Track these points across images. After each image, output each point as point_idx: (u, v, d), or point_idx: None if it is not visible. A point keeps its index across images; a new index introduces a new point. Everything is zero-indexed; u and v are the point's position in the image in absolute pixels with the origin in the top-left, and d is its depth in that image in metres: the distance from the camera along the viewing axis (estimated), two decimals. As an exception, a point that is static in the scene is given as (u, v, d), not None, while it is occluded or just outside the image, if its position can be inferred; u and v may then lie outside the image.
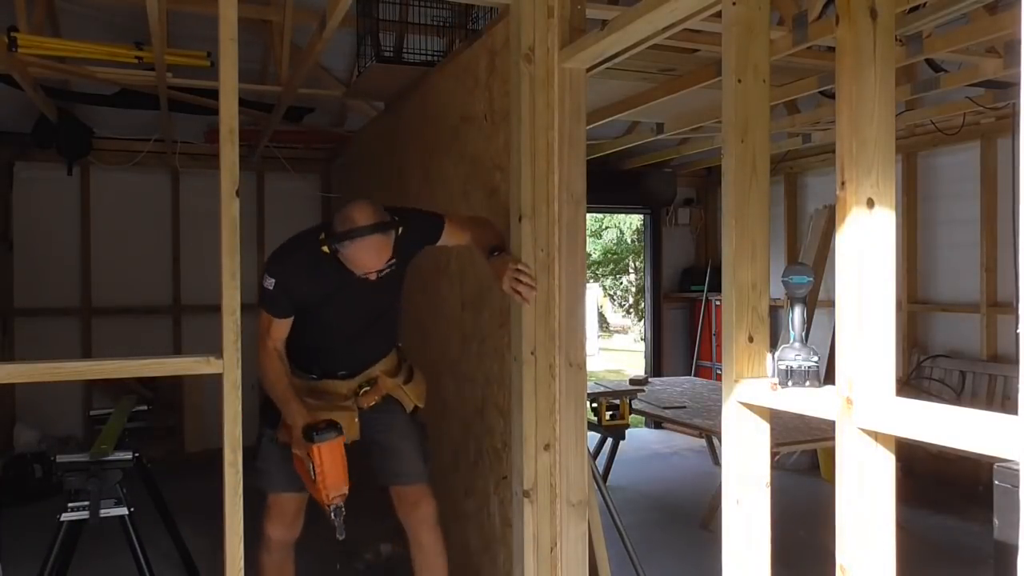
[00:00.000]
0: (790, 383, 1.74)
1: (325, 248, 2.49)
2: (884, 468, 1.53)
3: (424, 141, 3.92)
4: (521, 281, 2.54)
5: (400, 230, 2.51)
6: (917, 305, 5.88)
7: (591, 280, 17.44)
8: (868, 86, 1.53)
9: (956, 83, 4.10)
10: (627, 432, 5.47)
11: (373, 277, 2.53)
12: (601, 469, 5.16)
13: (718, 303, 4.73)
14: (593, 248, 17.65)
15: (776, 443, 2.87)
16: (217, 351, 1.99)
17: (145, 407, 3.75)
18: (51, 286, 6.10)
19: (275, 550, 2.77)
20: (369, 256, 2.47)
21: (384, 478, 2.83)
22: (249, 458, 2.60)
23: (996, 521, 1.61)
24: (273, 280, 2.57)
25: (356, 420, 2.75)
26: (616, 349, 16.43)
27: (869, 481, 1.53)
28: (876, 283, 1.53)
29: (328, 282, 2.60)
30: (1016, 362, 4.99)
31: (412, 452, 2.83)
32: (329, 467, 2.51)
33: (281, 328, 2.64)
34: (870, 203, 1.52)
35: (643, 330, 9.89)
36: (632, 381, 6.00)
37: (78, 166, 6.01)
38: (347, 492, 2.56)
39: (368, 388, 2.81)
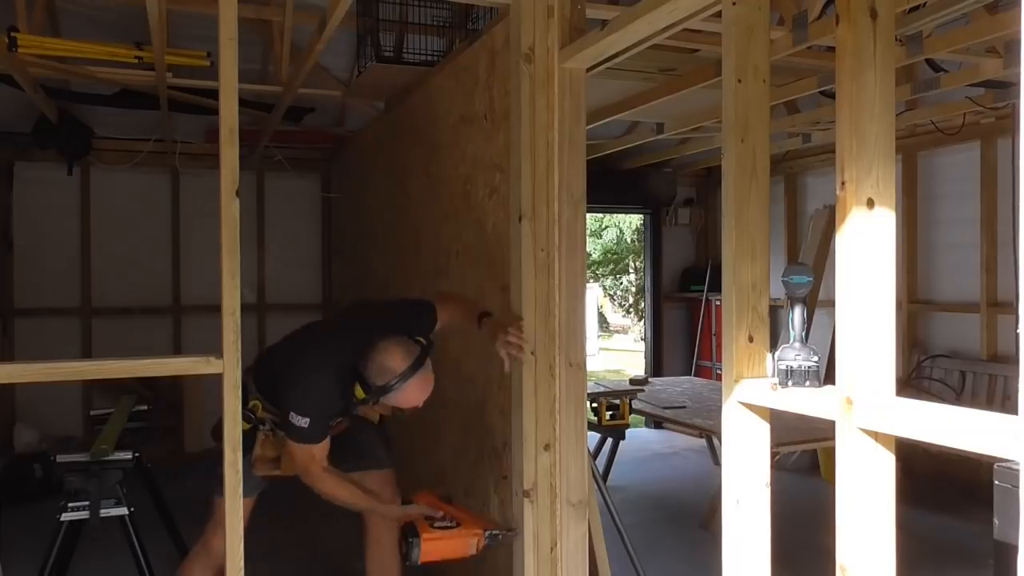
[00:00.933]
0: (790, 383, 1.74)
1: (360, 398, 2.50)
2: (884, 468, 1.53)
3: (424, 141, 3.92)
4: (512, 343, 2.59)
5: (430, 346, 2.56)
6: (917, 305, 5.88)
7: (591, 280, 17.44)
8: (868, 86, 1.53)
9: (956, 83, 4.10)
10: (627, 432, 5.47)
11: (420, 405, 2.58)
12: (601, 469, 5.16)
13: (718, 303, 4.72)
14: (593, 248, 17.65)
15: (776, 443, 2.87)
16: (217, 351, 1.99)
17: (145, 407, 3.75)
18: (51, 286, 6.11)
19: (214, 564, 2.70)
20: (419, 393, 2.53)
21: (345, 466, 2.80)
22: (206, 467, 2.58)
23: (996, 521, 1.61)
24: (308, 419, 2.49)
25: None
26: (616, 349, 16.44)
27: (869, 481, 1.53)
28: (876, 283, 1.53)
29: (348, 408, 2.65)
30: (1016, 362, 4.99)
31: (375, 444, 2.87)
32: (446, 552, 2.57)
33: (321, 450, 2.58)
34: (870, 203, 1.52)
35: (643, 330, 9.89)
36: (632, 381, 6.00)
37: (78, 166, 6.01)
38: (483, 534, 2.59)
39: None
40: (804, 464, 5.86)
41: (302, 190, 6.83)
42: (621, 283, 18.99)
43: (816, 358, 1.74)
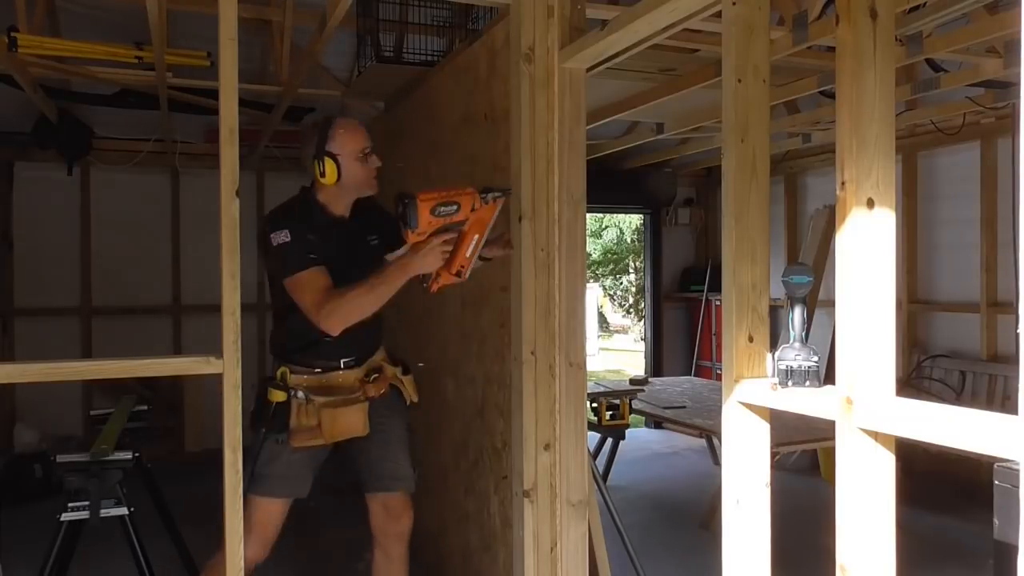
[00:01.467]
0: (790, 383, 1.74)
1: (320, 173, 2.53)
2: (884, 468, 1.53)
3: (424, 141, 3.92)
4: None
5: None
6: (917, 305, 5.88)
7: (591, 280, 17.44)
8: (868, 86, 1.53)
9: (956, 83, 4.10)
10: (627, 432, 5.47)
11: (377, 162, 2.62)
12: (601, 469, 5.16)
13: (718, 303, 4.72)
14: (593, 248, 17.65)
15: (776, 443, 2.87)
16: (217, 351, 1.99)
17: (145, 407, 3.75)
18: (51, 286, 6.11)
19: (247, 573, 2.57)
20: (358, 132, 2.60)
21: (373, 482, 2.70)
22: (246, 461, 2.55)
23: (996, 521, 1.61)
24: (285, 230, 2.45)
25: (366, 414, 2.61)
26: (616, 349, 16.44)
27: (869, 481, 1.53)
28: (876, 283, 1.53)
29: (330, 240, 2.55)
30: (1016, 362, 4.99)
31: (404, 456, 2.75)
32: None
33: (324, 278, 2.45)
34: (870, 203, 1.52)
35: (643, 330, 9.89)
36: (632, 381, 6.00)
37: (78, 166, 6.01)
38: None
39: (377, 376, 2.70)
40: (804, 464, 5.85)
41: (302, 190, 6.82)
42: (621, 283, 18.99)
43: (816, 358, 1.74)
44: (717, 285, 2.73)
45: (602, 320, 18.47)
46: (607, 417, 5.22)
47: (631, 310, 18.56)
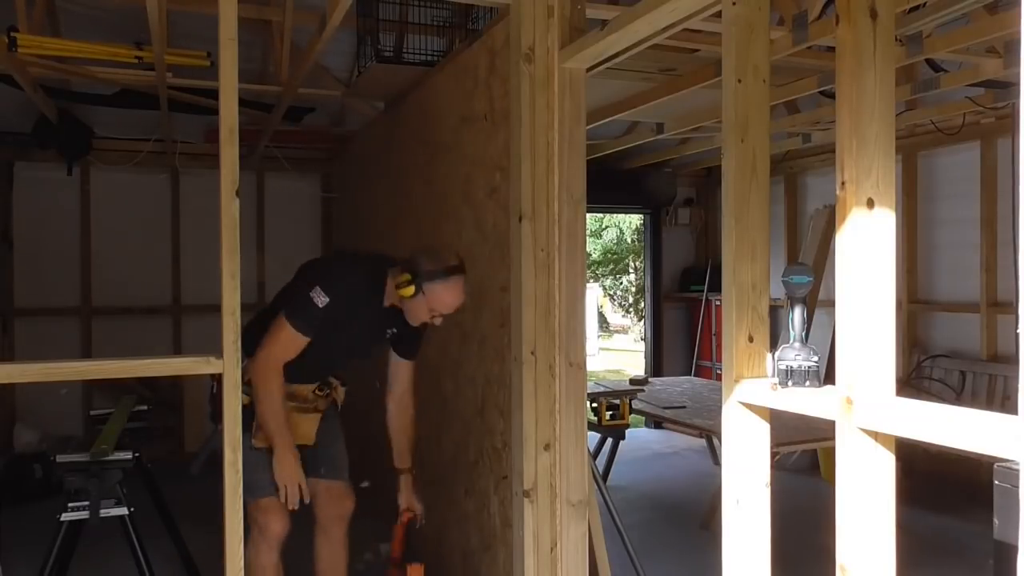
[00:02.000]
0: (790, 383, 1.74)
1: (401, 285, 2.56)
2: (884, 468, 1.53)
3: (424, 141, 3.92)
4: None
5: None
6: (917, 305, 5.88)
7: (591, 280, 17.44)
8: (868, 86, 1.53)
9: (956, 83, 4.10)
10: (627, 432, 5.47)
11: (438, 322, 2.65)
12: (601, 469, 5.16)
13: (718, 303, 4.73)
14: (593, 248, 17.65)
15: (776, 443, 2.87)
16: (217, 351, 1.99)
17: (145, 407, 3.75)
18: (51, 286, 6.11)
19: (276, 547, 2.74)
20: (455, 296, 2.60)
21: (316, 469, 2.87)
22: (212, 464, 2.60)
23: (996, 521, 1.61)
24: (328, 299, 2.55)
25: (317, 425, 2.86)
26: (616, 349, 16.44)
27: (869, 481, 1.53)
28: (876, 283, 1.53)
29: (365, 319, 2.71)
30: (1016, 362, 4.99)
31: (342, 452, 2.97)
32: None
33: (298, 346, 2.60)
34: (870, 203, 1.52)
35: (643, 330, 9.89)
36: (632, 381, 6.00)
37: (78, 166, 6.01)
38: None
39: (329, 391, 2.93)
40: (804, 464, 5.85)
41: (302, 190, 6.82)
42: (621, 283, 18.99)
43: (816, 358, 1.74)
44: (717, 285, 2.73)
45: (602, 320, 18.47)
46: (607, 417, 5.22)
47: (631, 310, 18.55)
